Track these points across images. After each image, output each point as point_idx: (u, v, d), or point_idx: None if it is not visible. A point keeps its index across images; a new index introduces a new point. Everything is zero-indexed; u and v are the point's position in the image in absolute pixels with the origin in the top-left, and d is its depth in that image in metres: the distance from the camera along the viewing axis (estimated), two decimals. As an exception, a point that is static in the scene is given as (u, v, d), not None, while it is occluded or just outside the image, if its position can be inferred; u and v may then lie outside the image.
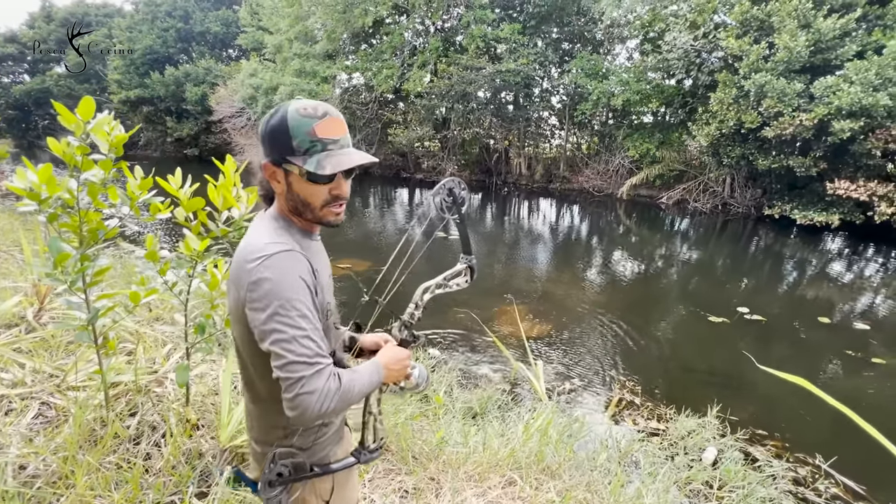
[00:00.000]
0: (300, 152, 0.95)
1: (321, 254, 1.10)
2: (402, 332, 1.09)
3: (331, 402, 0.87)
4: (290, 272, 0.91)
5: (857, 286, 7.95)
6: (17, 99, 33.85)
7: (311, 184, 0.97)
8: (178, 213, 1.89)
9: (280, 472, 0.95)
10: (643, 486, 2.45)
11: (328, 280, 1.10)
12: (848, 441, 3.53)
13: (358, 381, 0.96)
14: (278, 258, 0.91)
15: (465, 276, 1.18)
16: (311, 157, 0.94)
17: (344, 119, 1.01)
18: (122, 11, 32.45)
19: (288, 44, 18.71)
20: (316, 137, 0.94)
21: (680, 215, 13.64)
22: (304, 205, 1.00)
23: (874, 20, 10.39)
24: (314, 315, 0.92)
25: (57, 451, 1.85)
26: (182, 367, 1.98)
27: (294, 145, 0.94)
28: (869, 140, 9.73)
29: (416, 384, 1.22)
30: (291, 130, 0.94)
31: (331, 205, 1.01)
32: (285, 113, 0.95)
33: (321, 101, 0.99)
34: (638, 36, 15.30)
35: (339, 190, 1.00)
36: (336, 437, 1.14)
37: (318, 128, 0.94)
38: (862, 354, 5.05)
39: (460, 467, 2.26)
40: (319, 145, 0.95)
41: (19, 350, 2.61)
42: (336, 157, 0.95)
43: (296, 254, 0.94)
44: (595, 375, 4.48)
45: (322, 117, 0.95)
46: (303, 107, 0.95)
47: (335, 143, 0.97)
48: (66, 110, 1.59)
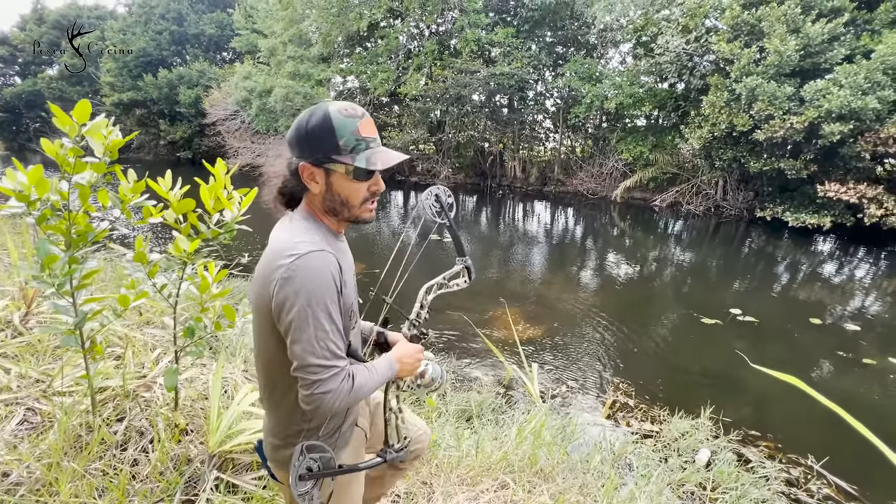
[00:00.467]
0: (346, 151, 0.99)
1: (347, 254, 1.13)
2: (411, 330, 1.15)
3: (343, 401, 0.94)
4: (322, 272, 0.93)
5: (848, 287, 8.03)
6: (7, 101, 33.52)
7: (354, 181, 1.02)
8: (168, 214, 1.87)
9: (310, 467, 0.96)
10: (637, 488, 2.44)
11: (352, 280, 1.12)
12: (839, 442, 3.55)
13: (371, 378, 1.02)
14: (310, 258, 0.94)
15: (463, 276, 1.24)
16: (359, 155, 0.99)
17: None
18: (114, 13, 32.30)
19: (282, 46, 18.67)
20: (361, 136, 0.99)
21: (673, 218, 13.72)
22: (344, 203, 1.04)
23: (862, 25, 10.54)
24: (338, 315, 0.96)
25: (41, 458, 1.82)
26: (171, 371, 1.95)
27: (340, 144, 0.98)
28: (858, 143, 9.86)
29: (432, 380, 1.25)
30: (337, 130, 0.97)
31: (368, 201, 1.06)
32: (327, 113, 0.97)
33: (353, 103, 1.03)
34: (631, 40, 15.44)
35: (377, 186, 1.06)
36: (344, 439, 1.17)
37: (361, 127, 0.99)
38: (853, 355, 5.09)
39: (453, 471, 2.24)
40: (364, 144, 0.99)
41: (5, 355, 2.57)
42: (382, 154, 1.00)
43: (327, 254, 0.96)
44: (589, 378, 4.48)
45: (362, 117, 1.00)
46: (343, 108, 0.99)
47: (375, 141, 1.02)
48: (61, 112, 1.58)
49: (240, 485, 1.88)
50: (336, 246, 1.06)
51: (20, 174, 1.67)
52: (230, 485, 1.88)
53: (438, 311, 5.41)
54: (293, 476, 0.95)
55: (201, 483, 1.85)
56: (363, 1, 16.20)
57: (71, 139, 1.63)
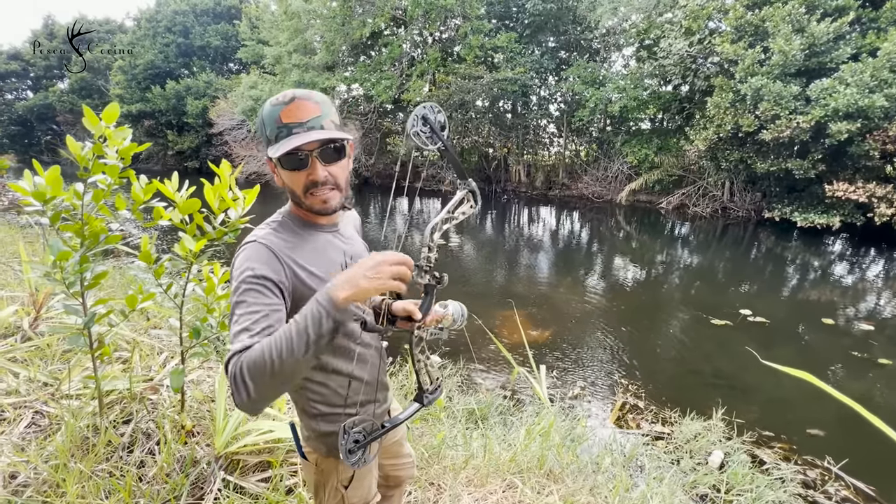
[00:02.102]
0: (272, 140, 0.97)
1: (329, 244, 1.10)
2: (423, 278, 1.02)
3: (241, 378, 0.79)
4: (243, 261, 0.95)
5: (860, 287, 7.90)
6: (20, 115, 34.22)
7: (289, 171, 0.99)
8: (174, 215, 1.88)
9: (356, 440, 0.96)
10: (648, 489, 2.40)
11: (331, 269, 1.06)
12: (856, 442, 3.47)
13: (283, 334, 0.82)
14: (242, 250, 0.97)
15: (468, 202, 1.11)
16: (278, 143, 0.95)
17: (325, 101, 1.00)
18: (123, 27, 32.95)
19: (287, 55, 18.90)
20: (282, 123, 0.95)
21: (680, 220, 13.62)
22: (291, 193, 1.04)
23: (868, 23, 10.48)
24: (256, 299, 0.91)
25: (48, 460, 1.82)
26: (177, 372, 1.95)
27: (268, 135, 0.97)
28: (867, 141, 9.76)
29: (454, 320, 1.21)
30: (265, 121, 0.97)
31: (312, 191, 1.00)
32: (263, 107, 0.98)
33: (302, 89, 0.99)
34: (634, 43, 15.45)
35: (314, 175, 0.98)
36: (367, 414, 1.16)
37: (283, 113, 0.95)
38: (868, 355, 4.99)
39: (460, 472, 2.21)
40: (285, 130, 0.95)
41: (14, 359, 2.59)
42: (295, 139, 0.93)
43: (257, 244, 0.97)
44: (598, 379, 4.43)
45: (289, 102, 0.96)
46: (276, 97, 0.98)
47: (301, 125, 0.95)
48: (91, 114, 1.66)
49: (246, 486, 1.87)
50: (302, 238, 1.05)
51: (37, 177, 1.70)
52: (237, 486, 1.87)
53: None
54: (343, 454, 0.94)
55: (207, 484, 1.84)
56: (366, 10, 16.37)
57: (94, 139, 1.68)
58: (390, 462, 1.42)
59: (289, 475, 1.97)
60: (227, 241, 1.92)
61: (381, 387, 1.24)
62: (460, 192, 1.11)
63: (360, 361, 1.14)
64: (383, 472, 1.44)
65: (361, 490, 1.20)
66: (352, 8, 16.38)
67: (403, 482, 1.50)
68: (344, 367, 1.11)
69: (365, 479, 1.21)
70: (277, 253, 0.97)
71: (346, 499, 1.18)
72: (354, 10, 16.42)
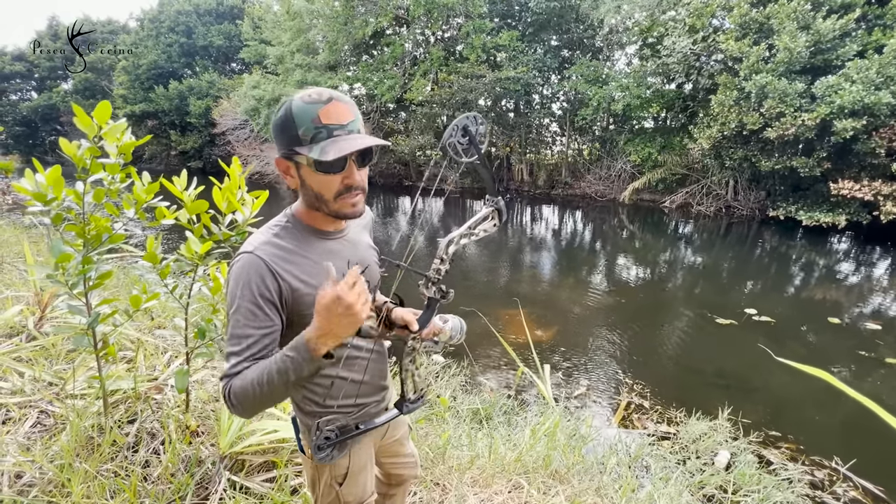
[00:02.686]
0: (307, 141, 0.92)
1: (332, 253, 1.06)
2: (430, 290, 1.01)
3: (230, 402, 0.90)
4: (240, 275, 0.93)
5: (866, 286, 7.84)
6: (24, 116, 34.40)
7: (323, 174, 0.94)
8: (181, 215, 1.88)
9: (328, 437, 0.97)
10: (654, 489, 2.38)
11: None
12: (864, 442, 3.44)
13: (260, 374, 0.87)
14: (238, 261, 0.95)
15: (492, 219, 1.08)
16: (317, 145, 0.90)
17: (354, 104, 0.97)
18: (126, 27, 33.06)
19: (290, 55, 18.91)
20: (321, 124, 0.90)
21: (683, 219, 13.56)
22: (318, 198, 0.98)
23: (874, 20, 10.39)
24: (251, 319, 0.92)
25: (53, 460, 1.82)
26: (181, 373, 1.95)
27: (300, 134, 0.92)
28: (873, 139, 9.68)
29: (451, 336, 1.19)
30: (296, 119, 0.91)
31: (344, 195, 0.97)
32: (290, 103, 0.93)
33: (329, 88, 0.96)
34: (637, 41, 15.38)
35: (350, 179, 0.95)
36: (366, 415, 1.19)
37: (322, 113, 0.90)
38: (875, 355, 4.95)
39: (466, 472, 2.20)
40: (325, 132, 0.91)
41: (19, 359, 2.59)
42: (342, 143, 0.91)
43: (252, 257, 0.94)
44: (603, 379, 4.41)
45: (327, 102, 0.91)
46: (307, 94, 0.93)
47: (342, 128, 0.92)
48: (82, 112, 1.61)
49: (251, 487, 1.87)
50: (307, 246, 1.01)
51: (39, 175, 1.69)
52: (242, 486, 1.86)
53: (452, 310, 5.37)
54: (312, 448, 0.96)
55: (212, 484, 1.84)
56: (369, 9, 16.36)
57: (89, 140, 1.66)
58: (390, 461, 1.41)
59: (294, 475, 1.96)
60: (235, 244, 1.91)
61: (378, 388, 1.23)
62: (486, 209, 1.07)
63: (349, 364, 1.13)
64: (384, 470, 1.44)
65: (356, 488, 1.19)
66: (354, 8, 16.37)
67: (405, 481, 1.49)
68: (331, 371, 1.10)
69: (359, 476, 1.20)
70: (273, 267, 0.94)
71: (340, 496, 1.17)
72: (357, 9, 16.41)
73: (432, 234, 11.64)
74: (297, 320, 0.99)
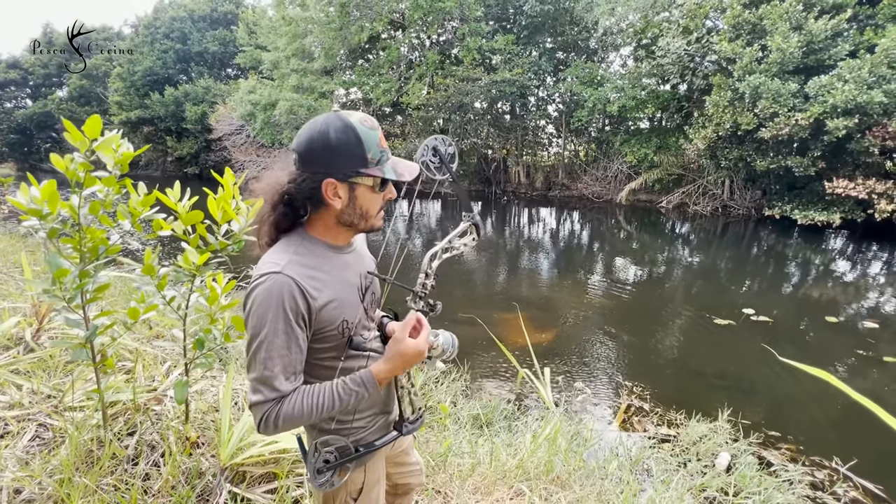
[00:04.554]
0: (374, 163, 0.98)
1: (347, 267, 1.09)
2: (417, 304, 1.06)
3: (270, 426, 0.93)
4: (269, 298, 0.92)
5: (863, 284, 7.88)
6: (19, 124, 34.29)
7: (377, 193, 1.02)
8: (177, 226, 1.87)
9: (327, 459, 0.98)
10: (656, 493, 2.38)
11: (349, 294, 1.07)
12: (864, 442, 3.45)
13: (316, 403, 0.95)
14: (265, 283, 0.93)
15: (470, 234, 1.13)
16: (384, 166, 1.00)
17: None
18: (121, 34, 33.02)
19: (286, 60, 18.94)
20: (383, 147, 1.00)
21: (680, 219, 13.61)
22: (363, 215, 1.04)
23: (865, 20, 10.49)
24: (287, 339, 0.93)
25: (53, 474, 1.81)
26: (181, 384, 1.94)
27: (369, 157, 0.97)
28: (866, 138, 9.75)
29: (443, 351, 1.20)
30: (365, 143, 0.97)
31: (380, 210, 1.07)
32: (351, 125, 0.95)
33: (365, 113, 1.06)
34: (631, 43, 15.48)
35: (391, 193, 1.07)
36: (374, 423, 1.18)
37: (381, 138, 1.00)
38: (873, 353, 4.97)
39: (467, 479, 2.20)
40: (385, 155, 1.01)
41: (17, 371, 2.58)
42: (403, 165, 1.03)
43: (282, 277, 0.93)
44: (602, 382, 4.41)
45: (379, 128, 1.01)
46: (363, 119, 0.98)
47: (388, 152, 1.03)
48: (73, 127, 1.59)
49: (253, 498, 1.86)
50: (330, 261, 1.04)
51: (33, 188, 1.68)
52: (243, 498, 1.85)
53: (448, 317, 5.38)
54: (311, 472, 0.97)
55: (213, 496, 1.83)
56: (364, 14, 16.41)
57: (82, 154, 1.64)
58: (397, 471, 1.42)
59: (295, 486, 1.95)
60: (231, 253, 1.91)
61: (387, 401, 1.23)
62: (464, 224, 1.12)
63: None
64: (391, 480, 1.44)
65: (370, 502, 1.20)
66: (349, 13, 16.42)
67: (412, 490, 1.50)
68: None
69: (373, 491, 1.21)
70: (303, 285, 0.95)
71: None
72: (352, 14, 16.46)
73: (426, 238, 11.65)
74: (312, 335, 1.00)
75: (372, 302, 1.16)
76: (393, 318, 1.23)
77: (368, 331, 1.14)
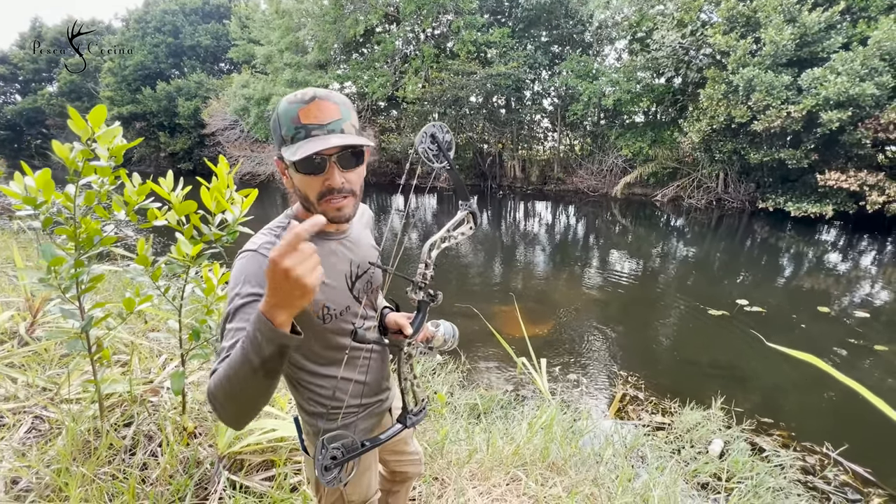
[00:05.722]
0: (287, 141, 0.91)
1: (333, 254, 1.06)
2: (418, 294, 1.03)
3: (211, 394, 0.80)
4: (239, 274, 0.92)
5: (854, 275, 7.97)
6: (9, 120, 33.83)
7: (303, 175, 0.92)
8: (170, 216, 1.86)
9: (334, 456, 0.97)
10: (651, 479, 2.42)
11: (332, 280, 1.05)
12: (854, 428, 3.51)
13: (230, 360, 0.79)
14: (240, 259, 0.94)
15: (468, 223, 1.11)
16: (293, 145, 0.89)
17: (345, 103, 0.95)
18: (111, 28, 32.58)
19: (279, 54, 18.77)
20: (300, 123, 0.89)
21: (675, 212, 13.68)
22: (304, 198, 0.98)
23: (858, 12, 10.53)
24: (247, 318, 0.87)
25: (50, 464, 1.81)
26: (177, 375, 1.94)
27: (283, 135, 0.92)
28: (859, 130, 9.82)
29: (444, 340, 1.20)
30: (281, 119, 0.92)
31: (327, 198, 0.94)
32: (279, 103, 0.93)
33: (321, 88, 0.95)
34: (626, 36, 15.44)
35: (331, 181, 0.92)
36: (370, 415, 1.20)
37: (302, 113, 0.89)
38: (864, 342, 5.04)
39: (464, 466, 2.22)
40: (303, 132, 0.89)
41: (12, 364, 2.57)
42: (316, 142, 0.87)
43: (255, 255, 0.94)
44: (598, 372, 4.45)
45: (309, 101, 0.90)
46: (294, 94, 0.92)
47: (321, 128, 0.90)
48: (78, 116, 1.58)
49: (251, 486, 1.87)
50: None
51: (28, 178, 1.67)
52: (241, 486, 1.86)
53: (445, 309, 5.39)
54: (318, 470, 0.95)
55: (212, 485, 1.84)
56: (358, 7, 16.28)
57: (83, 142, 1.64)
58: (395, 458, 1.42)
59: (293, 473, 1.97)
60: (225, 244, 1.90)
61: (381, 388, 1.23)
62: (461, 213, 1.11)
63: (350, 364, 1.11)
64: (388, 467, 1.45)
65: (360, 488, 1.21)
66: (343, 6, 16.28)
67: (410, 478, 1.50)
68: (333, 371, 1.10)
69: (363, 477, 1.21)
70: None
71: (344, 495, 1.18)
72: (346, 7, 16.32)
73: (423, 232, 11.64)
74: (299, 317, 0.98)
75: (365, 291, 1.13)
76: (394, 309, 1.22)
77: (364, 319, 1.13)
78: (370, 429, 1.22)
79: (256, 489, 1.86)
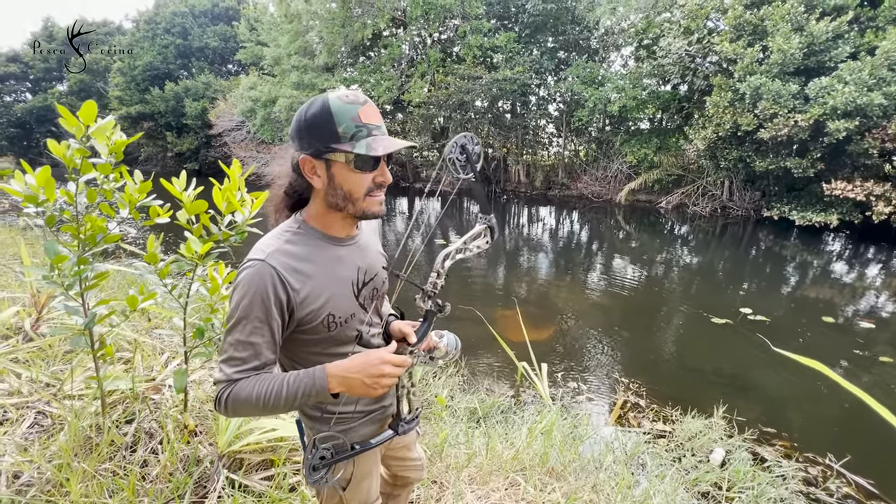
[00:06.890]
0: (346, 138, 0.93)
1: (340, 260, 1.07)
2: (427, 303, 1.03)
3: (224, 407, 0.93)
4: (249, 285, 0.93)
5: (860, 285, 7.91)
6: (19, 117, 34.19)
7: (356, 172, 0.96)
8: (181, 215, 1.88)
9: (323, 456, 0.98)
10: (650, 486, 2.40)
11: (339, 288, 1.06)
12: (857, 439, 3.47)
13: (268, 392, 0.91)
14: (248, 269, 0.94)
15: (485, 236, 1.12)
16: (360, 142, 0.93)
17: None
18: (121, 29, 32.95)
19: (287, 57, 18.91)
20: (361, 122, 0.94)
21: (679, 219, 13.63)
22: (347, 197, 0.99)
23: (866, 22, 10.50)
24: (257, 328, 0.93)
25: (52, 459, 1.82)
26: (179, 373, 1.95)
27: (340, 132, 0.93)
28: (866, 139, 9.77)
29: (447, 352, 1.21)
30: (336, 117, 0.93)
31: (373, 193, 1.00)
32: (326, 101, 0.94)
33: (357, 90, 0.99)
34: (633, 43, 15.47)
35: (383, 176, 1.00)
36: (372, 421, 1.20)
37: (362, 112, 0.94)
38: (869, 353, 5.00)
39: (463, 469, 2.22)
40: (365, 130, 0.94)
41: (16, 360, 2.59)
42: (384, 140, 0.95)
43: (264, 265, 0.94)
44: (599, 378, 4.43)
45: (364, 103, 0.95)
46: (343, 94, 0.95)
47: (378, 128, 0.96)
48: (68, 113, 1.59)
49: (250, 485, 1.87)
50: (322, 254, 1.02)
51: (28, 176, 1.69)
52: (240, 485, 1.87)
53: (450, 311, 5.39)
54: (307, 468, 0.97)
55: (211, 483, 1.84)
56: (366, 11, 16.39)
57: (77, 140, 1.65)
58: (397, 463, 1.42)
59: (292, 473, 1.97)
60: (233, 244, 1.92)
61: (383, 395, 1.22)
62: (479, 226, 1.11)
63: None
64: (390, 471, 1.45)
65: (360, 493, 1.20)
66: (351, 10, 16.39)
67: (411, 483, 1.50)
68: None
69: (363, 482, 1.20)
70: (284, 276, 0.95)
71: (344, 500, 1.18)
72: (354, 11, 16.43)
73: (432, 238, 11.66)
74: (295, 327, 1.00)
75: (371, 297, 1.14)
76: (399, 317, 1.22)
77: (369, 326, 1.14)
78: (371, 434, 1.21)
79: (255, 488, 1.87)
